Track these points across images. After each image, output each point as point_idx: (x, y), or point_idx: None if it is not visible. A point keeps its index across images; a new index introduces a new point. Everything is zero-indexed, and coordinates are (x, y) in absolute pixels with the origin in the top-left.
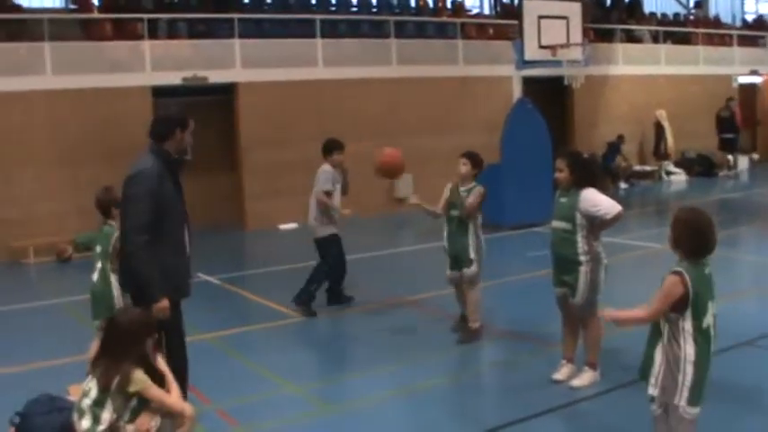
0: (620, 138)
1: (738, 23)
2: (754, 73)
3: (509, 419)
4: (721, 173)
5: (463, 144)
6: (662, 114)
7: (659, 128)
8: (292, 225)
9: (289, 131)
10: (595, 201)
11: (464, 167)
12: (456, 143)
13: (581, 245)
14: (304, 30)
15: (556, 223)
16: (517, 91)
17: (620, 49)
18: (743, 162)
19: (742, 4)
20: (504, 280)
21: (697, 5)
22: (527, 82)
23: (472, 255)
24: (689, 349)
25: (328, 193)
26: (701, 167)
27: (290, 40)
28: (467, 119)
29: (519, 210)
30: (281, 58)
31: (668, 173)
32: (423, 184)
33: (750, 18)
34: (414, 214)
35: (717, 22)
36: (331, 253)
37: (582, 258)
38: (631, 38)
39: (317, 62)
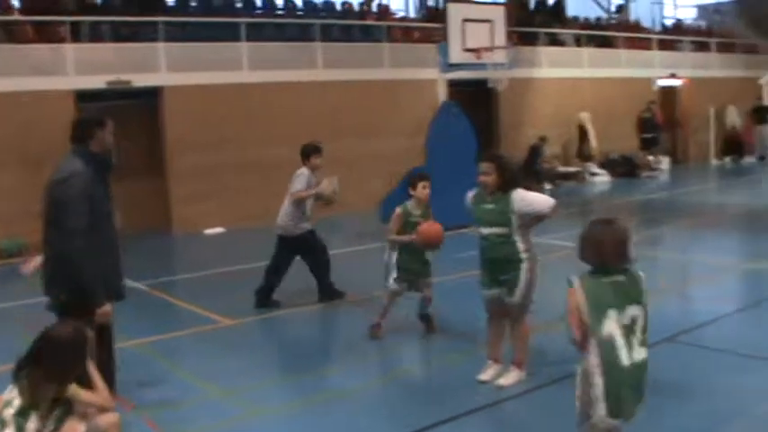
0: (543, 139)
1: (658, 28)
2: (673, 76)
3: (435, 420)
4: (644, 173)
5: (389, 147)
6: (585, 116)
7: (583, 130)
8: (219, 230)
9: (215, 135)
10: (529, 200)
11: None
12: (382, 146)
13: (520, 244)
14: (229, 33)
15: (487, 230)
16: (442, 94)
17: (544, 52)
18: (664, 162)
19: (661, 9)
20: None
21: (619, 10)
22: (453, 85)
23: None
24: (592, 360)
25: (299, 201)
26: (623, 168)
27: (215, 43)
28: (392, 122)
29: (446, 212)
30: (207, 62)
31: (592, 174)
32: (348, 186)
33: (669, 23)
34: (344, 216)
35: (638, 27)
36: (314, 247)
37: (523, 256)
38: (555, 41)
39: (242, 66)
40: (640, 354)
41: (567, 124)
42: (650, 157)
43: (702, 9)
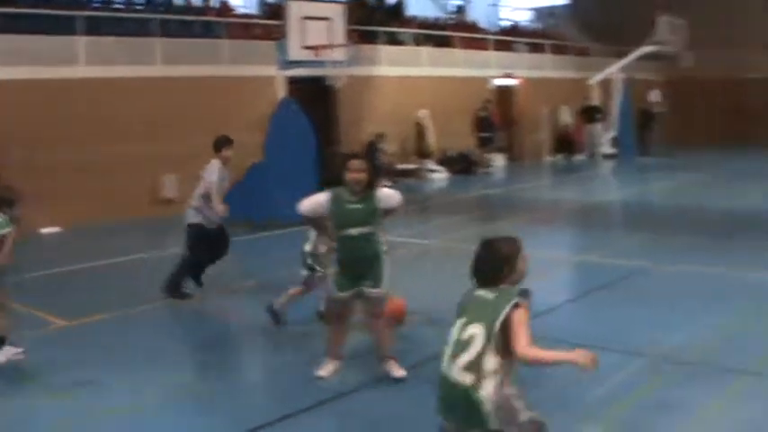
0: (380, 136)
1: (495, 29)
2: (509, 76)
3: (275, 416)
4: (480, 170)
5: None
6: (424, 114)
7: (421, 127)
8: (55, 229)
9: (49, 132)
10: (390, 195)
11: None
12: None
13: (381, 239)
14: (64, 26)
15: (355, 230)
16: (282, 91)
17: (384, 50)
18: (500, 160)
19: (498, 11)
20: (273, 276)
21: (457, 11)
22: (292, 82)
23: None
24: None
25: (208, 196)
26: (461, 165)
27: (48, 36)
28: (232, 118)
29: (286, 208)
30: (39, 56)
31: (430, 171)
32: (187, 183)
33: (506, 24)
34: (181, 215)
35: (475, 27)
36: (217, 242)
37: (384, 249)
38: (394, 40)
39: (77, 60)
40: (461, 376)
41: (405, 122)
42: (486, 155)
43: (538, 12)
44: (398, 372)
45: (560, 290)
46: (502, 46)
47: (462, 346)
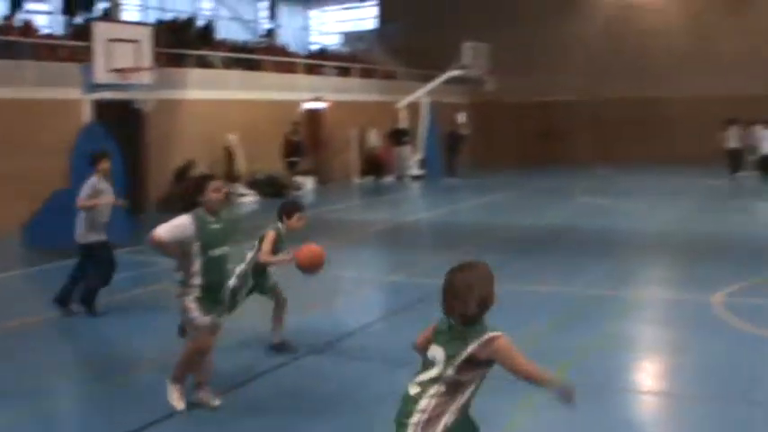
0: (190, 163)
1: (304, 53)
2: (318, 99)
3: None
4: (290, 193)
5: (32, 168)
6: (233, 138)
7: (230, 151)
8: None
9: None
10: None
11: None
12: (24, 166)
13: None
14: None
15: (219, 250)
16: (88, 114)
17: (193, 74)
18: (309, 182)
19: (308, 35)
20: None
21: (267, 34)
22: (100, 106)
23: None
24: None
25: (90, 207)
26: (271, 189)
27: None
28: (36, 142)
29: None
30: None
31: (240, 194)
32: None
33: (315, 48)
34: None
35: (285, 51)
36: (102, 258)
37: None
38: (204, 63)
39: None
40: (412, 389)
41: (215, 146)
42: (296, 178)
43: (347, 36)
44: (216, 401)
45: (371, 309)
46: (311, 70)
47: (427, 363)
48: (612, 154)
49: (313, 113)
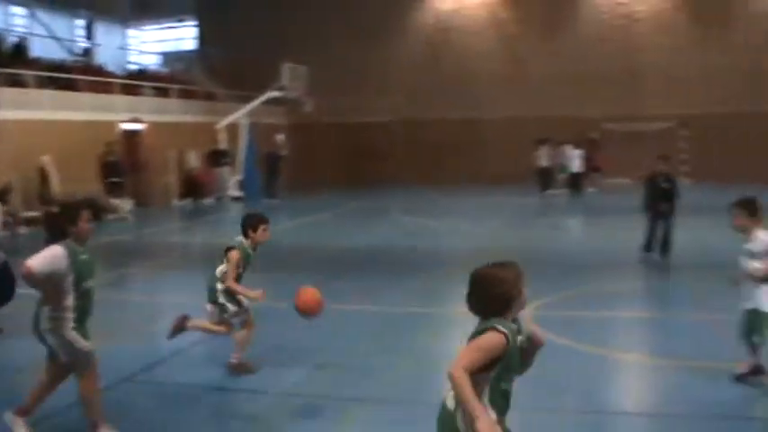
0: (7, 185)
1: (122, 73)
2: (136, 120)
3: None
4: (109, 216)
5: None
6: (47, 160)
7: (44, 173)
8: None
9: None
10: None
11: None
12: None
13: None
14: None
15: (92, 282)
16: None
17: (4, 93)
18: (128, 205)
19: (126, 55)
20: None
21: (84, 53)
22: None
23: None
24: None
25: None
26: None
27: None
28: None
29: None
30: None
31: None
32: None
33: (133, 68)
34: None
35: (102, 71)
36: None
37: None
38: (16, 82)
39: None
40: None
41: (28, 167)
42: (115, 200)
43: (166, 56)
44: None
45: (186, 334)
46: (129, 90)
47: None
48: (432, 174)
49: (130, 134)
